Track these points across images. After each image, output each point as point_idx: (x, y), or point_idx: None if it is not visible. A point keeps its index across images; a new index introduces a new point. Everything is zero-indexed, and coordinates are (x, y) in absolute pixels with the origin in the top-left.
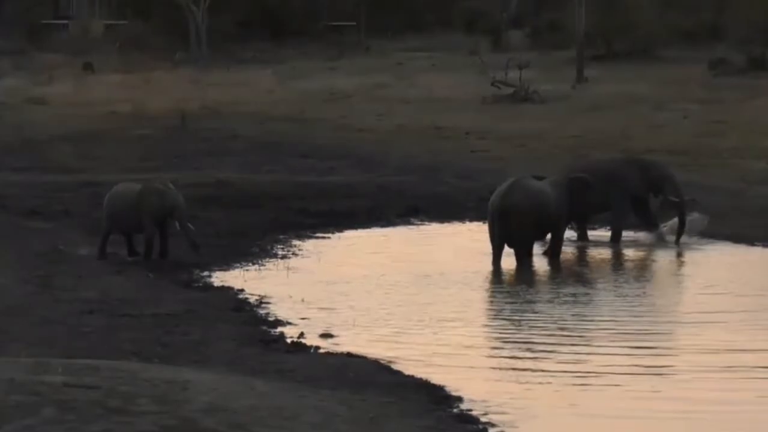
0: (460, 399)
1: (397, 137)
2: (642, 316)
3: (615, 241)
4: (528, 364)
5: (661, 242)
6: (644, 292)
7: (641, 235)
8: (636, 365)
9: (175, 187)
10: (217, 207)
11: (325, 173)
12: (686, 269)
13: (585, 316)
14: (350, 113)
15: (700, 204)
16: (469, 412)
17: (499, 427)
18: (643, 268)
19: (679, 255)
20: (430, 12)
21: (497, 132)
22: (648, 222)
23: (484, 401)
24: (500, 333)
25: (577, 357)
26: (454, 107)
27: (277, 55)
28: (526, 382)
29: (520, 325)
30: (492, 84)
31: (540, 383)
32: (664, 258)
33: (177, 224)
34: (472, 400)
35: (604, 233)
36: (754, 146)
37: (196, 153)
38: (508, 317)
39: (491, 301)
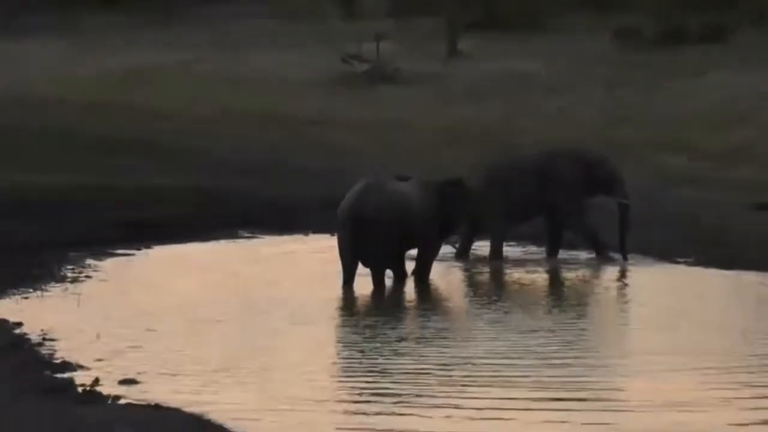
0: None
1: (223, 127)
2: (524, 358)
3: (553, 253)
4: (380, 418)
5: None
6: (530, 326)
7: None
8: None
9: None
10: None
11: (128, 173)
12: (583, 294)
13: (455, 356)
14: (159, 96)
15: None
16: None
17: None
18: (534, 293)
19: (579, 276)
20: None
21: (349, 120)
22: (556, 239)
23: None
24: (348, 380)
25: (444, 409)
26: (294, 89)
27: (68, 26)
28: None
29: (373, 370)
30: (342, 60)
31: None
32: (557, 280)
33: None
34: None
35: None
36: (672, 138)
37: None
38: (358, 359)
39: (338, 339)
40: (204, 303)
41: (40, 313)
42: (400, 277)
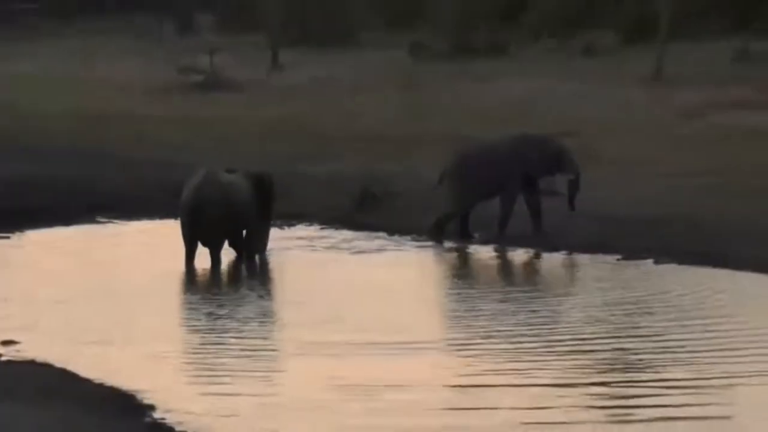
0: (152, 408)
1: (79, 125)
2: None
3: (502, 228)
4: (224, 371)
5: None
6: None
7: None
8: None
9: None
10: None
11: None
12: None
13: (283, 321)
14: (24, 99)
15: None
16: (163, 421)
17: None
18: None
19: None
20: None
21: (187, 121)
22: (536, 208)
23: (177, 410)
24: (194, 341)
25: (271, 363)
26: (139, 95)
27: None
28: (221, 391)
29: (216, 331)
30: (179, 71)
31: (236, 392)
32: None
33: None
34: (165, 409)
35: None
36: (456, 132)
37: None
38: (204, 323)
39: (185, 305)
40: (73, 277)
41: None
42: (240, 254)
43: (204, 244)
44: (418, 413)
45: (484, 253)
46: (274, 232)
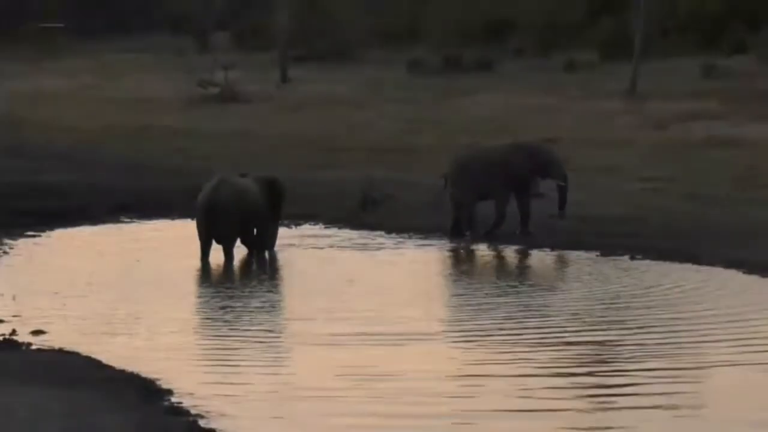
0: (170, 392)
1: (106, 137)
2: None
3: (496, 227)
4: (236, 358)
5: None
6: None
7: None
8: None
9: None
10: None
11: (33, 173)
12: (384, 269)
13: (283, 311)
14: (58, 114)
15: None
16: (180, 405)
17: (207, 418)
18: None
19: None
20: (136, 13)
21: (204, 131)
22: (525, 210)
23: (194, 394)
24: (209, 331)
25: (280, 352)
26: (161, 107)
27: None
28: (234, 378)
29: (229, 321)
30: (198, 84)
31: (247, 379)
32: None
33: None
34: (182, 394)
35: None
36: (449, 143)
37: None
38: (217, 314)
39: (200, 297)
40: (96, 271)
41: None
42: (251, 251)
43: (218, 242)
44: (416, 401)
45: (476, 250)
46: (283, 231)
